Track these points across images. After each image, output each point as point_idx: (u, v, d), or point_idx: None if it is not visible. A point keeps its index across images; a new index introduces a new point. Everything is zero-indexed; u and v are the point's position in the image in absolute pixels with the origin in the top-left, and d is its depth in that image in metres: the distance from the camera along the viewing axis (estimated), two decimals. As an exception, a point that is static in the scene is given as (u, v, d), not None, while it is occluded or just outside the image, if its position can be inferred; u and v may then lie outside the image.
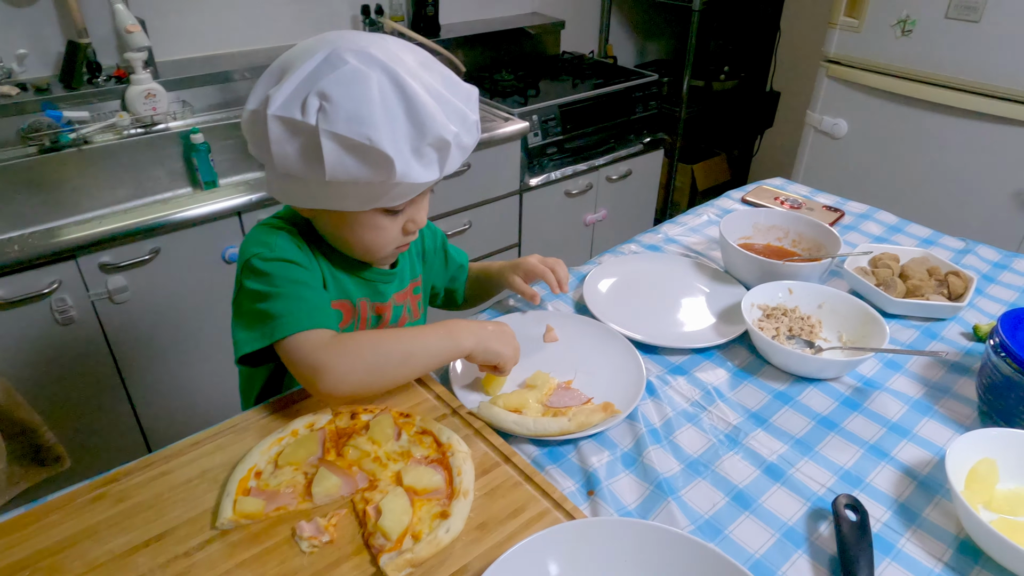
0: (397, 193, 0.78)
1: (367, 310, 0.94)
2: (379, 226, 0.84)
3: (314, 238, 0.89)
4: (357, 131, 0.70)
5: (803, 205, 1.36)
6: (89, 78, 1.80)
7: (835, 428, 0.85)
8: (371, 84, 0.71)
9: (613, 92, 2.37)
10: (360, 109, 0.70)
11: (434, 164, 0.76)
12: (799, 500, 0.75)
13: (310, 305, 0.81)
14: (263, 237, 0.86)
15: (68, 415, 1.55)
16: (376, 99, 0.71)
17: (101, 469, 1.63)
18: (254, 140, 0.77)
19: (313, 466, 0.74)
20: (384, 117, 0.71)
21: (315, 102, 0.70)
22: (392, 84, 0.72)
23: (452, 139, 0.74)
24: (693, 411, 0.87)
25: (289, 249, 0.85)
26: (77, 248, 1.41)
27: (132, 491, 0.72)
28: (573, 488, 0.76)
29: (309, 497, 0.71)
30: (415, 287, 1.03)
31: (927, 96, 1.88)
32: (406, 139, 0.72)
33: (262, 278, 0.82)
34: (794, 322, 0.99)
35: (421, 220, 0.87)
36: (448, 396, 0.86)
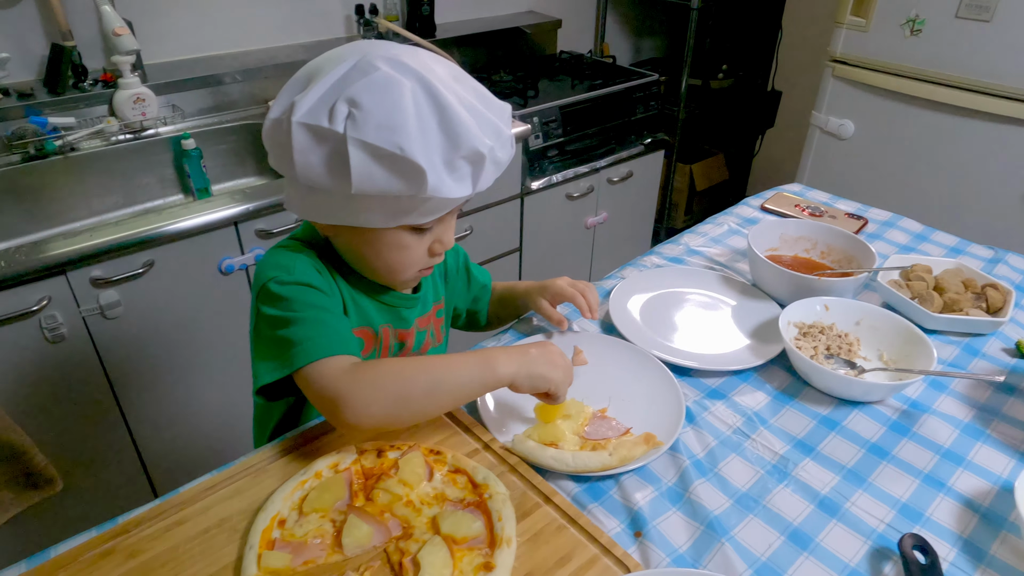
0: (426, 209, 0.73)
1: (389, 337, 0.89)
2: (404, 245, 0.79)
3: (334, 260, 0.84)
4: (388, 140, 0.66)
5: (825, 213, 1.33)
6: (75, 82, 1.72)
7: (886, 456, 0.81)
8: (404, 92, 0.67)
9: (614, 92, 2.33)
10: (392, 117, 0.66)
11: (467, 179, 0.72)
12: (859, 538, 0.71)
13: (331, 331, 0.75)
14: (280, 259, 0.80)
15: (60, 436, 1.48)
16: (409, 107, 0.66)
17: (95, 491, 1.58)
18: (276, 150, 0.73)
19: (341, 512, 0.69)
20: (417, 126, 0.67)
21: (344, 109, 0.66)
22: (425, 93, 0.68)
23: (487, 152, 0.70)
24: (736, 439, 0.83)
25: (308, 272, 0.79)
26: (67, 262, 1.34)
27: (144, 544, 0.66)
28: (618, 529, 0.72)
29: (339, 548, 0.66)
30: (438, 310, 0.97)
31: (936, 97, 1.85)
32: (439, 151, 0.68)
33: (279, 303, 0.76)
34: (832, 340, 0.95)
35: (448, 241, 0.82)
36: (479, 429, 0.81)
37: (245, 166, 2.00)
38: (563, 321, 0.99)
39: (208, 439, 1.73)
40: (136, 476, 1.64)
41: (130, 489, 1.65)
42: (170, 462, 1.69)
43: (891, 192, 2.00)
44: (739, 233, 1.30)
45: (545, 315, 1.00)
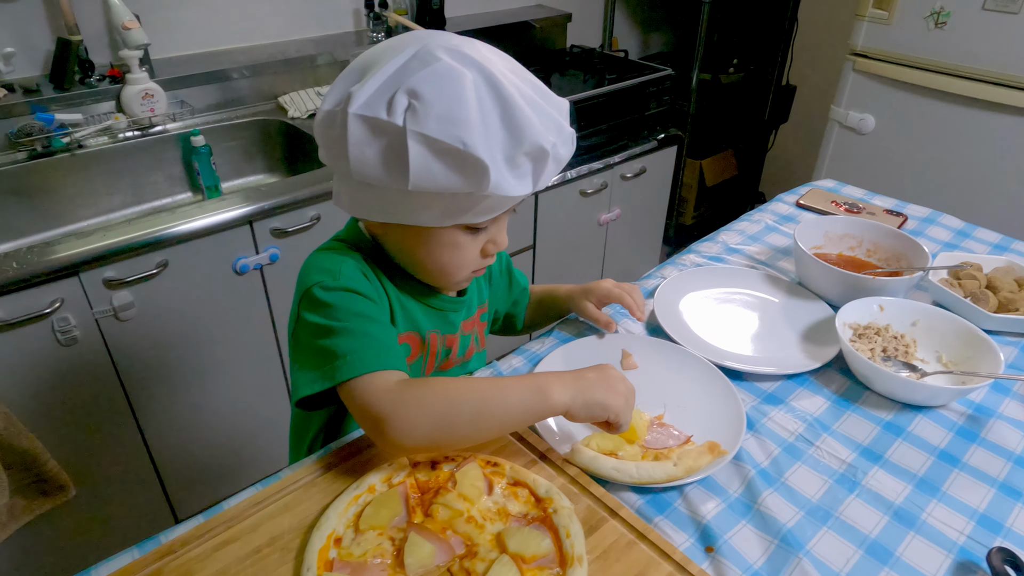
0: (483, 208, 0.70)
1: (437, 343, 0.85)
2: (458, 245, 0.75)
3: (381, 262, 0.80)
4: (450, 133, 0.62)
5: (863, 209, 1.30)
6: (81, 78, 1.67)
7: (957, 464, 0.78)
8: (466, 83, 0.63)
9: (627, 87, 2.29)
10: (454, 110, 0.62)
11: (528, 176, 0.68)
12: (940, 551, 0.68)
13: (376, 343, 0.71)
14: (325, 263, 0.76)
15: (72, 441, 1.44)
16: (471, 100, 0.63)
17: (108, 498, 1.54)
18: (329, 144, 0.69)
19: (400, 529, 0.65)
20: (480, 120, 0.63)
21: (403, 100, 0.63)
22: (488, 85, 0.64)
23: (550, 149, 0.67)
24: (800, 447, 0.80)
25: (355, 277, 0.75)
26: (80, 263, 1.30)
27: (194, 566, 0.62)
28: (688, 543, 0.69)
29: (401, 568, 0.62)
30: (482, 314, 0.93)
31: (961, 90, 1.82)
32: (501, 146, 0.65)
33: (323, 310, 0.72)
34: (888, 342, 0.92)
35: (502, 242, 0.78)
36: (534, 438, 0.77)
37: (254, 163, 1.96)
38: (611, 323, 0.96)
39: (224, 444, 1.69)
40: (150, 482, 1.60)
41: (143, 495, 1.61)
42: (184, 468, 1.64)
43: (913, 188, 1.97)
44: (776, 230, 1.27)
45: (591, 318, 0.97)
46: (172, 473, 1.63)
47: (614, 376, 0.74)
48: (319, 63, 2.03)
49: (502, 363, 0.93)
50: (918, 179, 1.99)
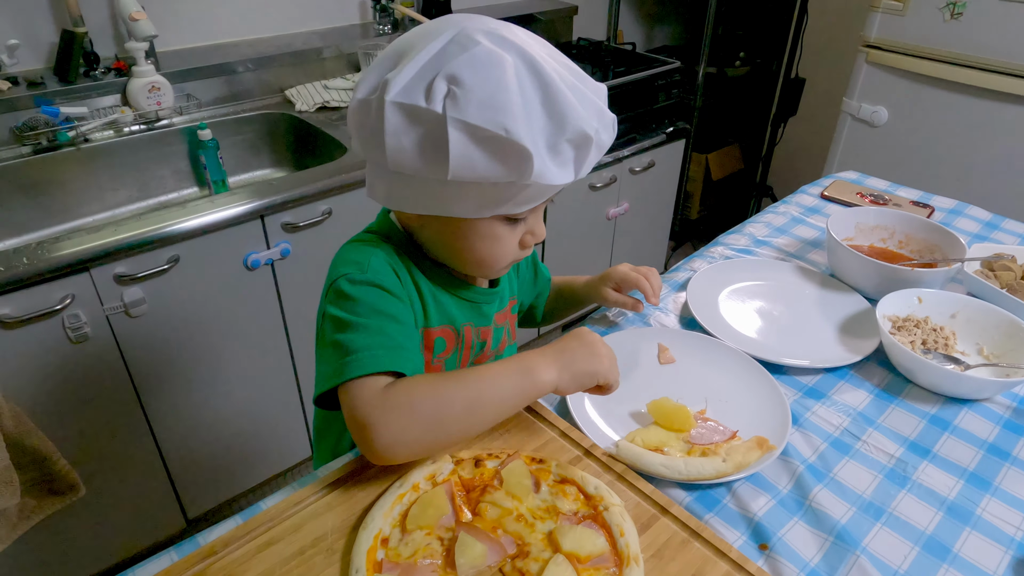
0: (524, 198, 0.67)
1: (471, 336, 0.83)
2: (497, 236, 0.72)
3: (414, 255, 0.78)
4: (492, 120, 0.60)
5: (889, 201, 1.28)
6: (86, 71, 1.64)
7: (1008, 458, 0.76)
8: (507, 68, 0.61)
9: (636, 80, 2.27)
10: (496, 95, 0.60)
11: (570, 164, 0.66)
12: (998, 547, 0.66)
13: (392, 343, 0.67)
14: (354, 255, 0.74)
15: (82, 440, 1.41)
16: (513, 85, 0.60)
17: (118, 496, 1.51)
18: (364, 134, 0.66)
19: (448, 529, 0.63)
20: (521, 106, 0.61)
21: (443, 86, 0.60)
22: (529, 69, 0.62)
23: (593, 135, 0.64)
24: (847, 441, 0.78)
25: (382, 271, 0.72)
26: (91, 259, 1.27)
27: (237, 568, 0.60)
28: (741, 540, 0.67)
29: (451, 569, 0.60)
30: (513, 305, 0.91)
31: (977, 82, 1.81)
32: (543, 133, 0.62)
33: (346, 304, 0.69)
34: (927, 334, 0.91)
35: (540, 232, 0.76)
36: (576, 433, 0.75)
37: (261, 157, 1.93)
38: (638, 304, 0.95)
39: (234, 441, 1.66)
40: (160, 481, 1.58)
41: (154, 494, 1.58)
42: (194, 465, 1.62)
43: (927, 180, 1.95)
44: (803, 222, 1.26)
45: (614, 303, 0.96)
46: (182, 470, 1.60)
47: (593, 340, 0.74)
48: (326, 56, 2.00)
49: (536, 358, 0.91)
50: (932, 171, 1.98)
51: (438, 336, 0.80)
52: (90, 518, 1.48)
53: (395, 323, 0.69)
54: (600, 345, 0.74)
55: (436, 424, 0.64)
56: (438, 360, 0.81)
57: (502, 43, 0.62)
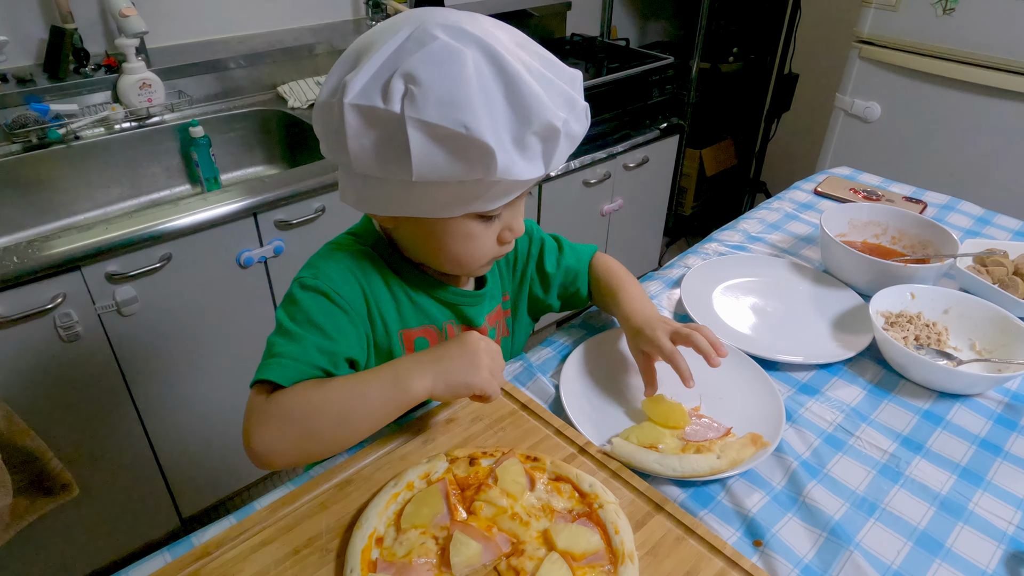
0: (494, 194, 0.66)
1: (455, 333, 0.82)
2: (471, 235, 0.71)
3: (392, 257, 0.77)
4: (451, 117, 0.58)
5: (882, 196, 1.28)
6: (76, 67, 1.63)
7: (1000, 453, 0.77)
8: (466, 63, 0.59)
9: (630, 76, 2.27)
10: (455, 92, 0.58)
11: (538, 157, 0.64)
12: (991, 542, 0.67)
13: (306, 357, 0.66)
14: (319, 259, 0.76)
15: (75, 440, 1.41)
16: (472, 80, 0.59)
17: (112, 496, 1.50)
18: (328, 137, 0.65)
19: (443, 528, 0.63)
20: (482, 101, 0.59)
21: (400, 86, 0.59)
22: (489, 62, 0.60)
23: (561, 126, 0.62)
24: (840, 437, 0.79)
25: (337, 279, 0.72)
26: (83, 257, 1.26)
27: (231, 569, 0.60)
28: (735, 537, 0.67)
29: (447, 568, 0.60)
30: (505, 301, 0.91)
31: (969, 77, 1.82)
32: (507, 127, 0.61)
33: (291, 307, 0.71)
34: (920, 330, 0.91)
35: (519, 228, 0.74)
36: (570, 431, 0.75)
37: (253, 155, 1.92)
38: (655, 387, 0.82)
39: (229, 440, 1.66)
40: (153, 479, 1.57)
41: (148, 494, 1.58)
42: (188, 464, 1.61)
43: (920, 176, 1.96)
44: (796, 218, 1.26)
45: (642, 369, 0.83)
46: (175, 469, 1.59)
47: (475, 348, 0.70)
48: (318, 52, 1.99)
49: (530, 355, 0.91)
50: (925, 167, 1.99)
51: (418, 336, 0.79)
52: (84, 518, 1.47)
53: (322, 336, 0.68)
54: (482, 354, 0.70)
55: (308, 434, 0.64)
56: None
57: (461, 36, 0.60)
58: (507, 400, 0.80)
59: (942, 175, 1.95)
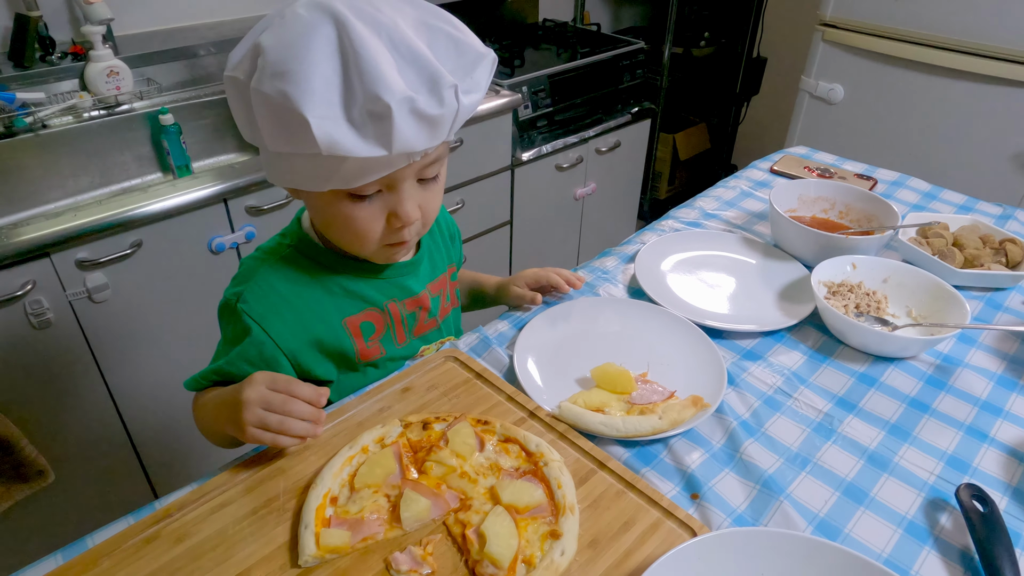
0: (346, 172, 0.64)
1: (399, 310, 0.85)
2: (349, 215, 0.71)
3: (318, 253, 0.80)
4: (276, 87, 0.59)
5: (835, 174, 1.32)
6: (42, 55, 1.62)
7: (927, 410, 0.81)
8: (312, 35, 0.59)
9: (601, 61, 2.29)
10: (287, 63, 0.59)
11: (374, 136, 0.61)
12: (912, 491, 0.71)
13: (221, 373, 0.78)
14: (247, 273, 0.79)
15: (49, 425, 1.42)
16: (310, 52, 0.59)
17: (88, 482, 1.52)
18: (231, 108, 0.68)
19: (394, 487, 0.66)
20: (312, 73, 0.59)
21: (251, 57, 0.62)
22: (338, 37, 0.60)
23: (394, 103, 0.59)
24: (779, 399, 0.83)
25: (258, 299, 0.76)
26: (52, 244, 1.27)
27: (191, 528, 0.63)
28: (675, 491, 0.71)
29: (397, 523, 0.63)
30: (452, 272, 0.94)
31: (928, 59, 1.86)
32: (337, 101, 0.60)
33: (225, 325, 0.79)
34: (860, 298, 0.95)
35: (405, 214, 0.71)
36: (522, 397, 0.79)
37: (224, 142, 1.92)
38: (536, 297, 0.96)
39: (206, 424, 1.67)
40: (130, 464, 1.59)
41: (124, 477, 1.59)
42: (164, 449, 1.63)
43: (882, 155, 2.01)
44: (751, 196, 1.30)
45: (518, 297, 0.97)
46: (151, 453, 1.61)
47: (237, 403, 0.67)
48: (288, 38, 1.99)
49: (487, 328, 0.94)
50: (887, 146, 2.04)
51: (363, 321, 0.82)
52: (60, 503, 1.49)
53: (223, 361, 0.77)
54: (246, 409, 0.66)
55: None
56: (372, 342, 0.83)
57: (323, 11, 0.60)
58: (461, 369, 0.83)
59: (903, 153, 2.00)
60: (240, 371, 0.74)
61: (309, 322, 0.78)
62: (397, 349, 0.87)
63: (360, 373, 0.84)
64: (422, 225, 0.76)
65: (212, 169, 1.83)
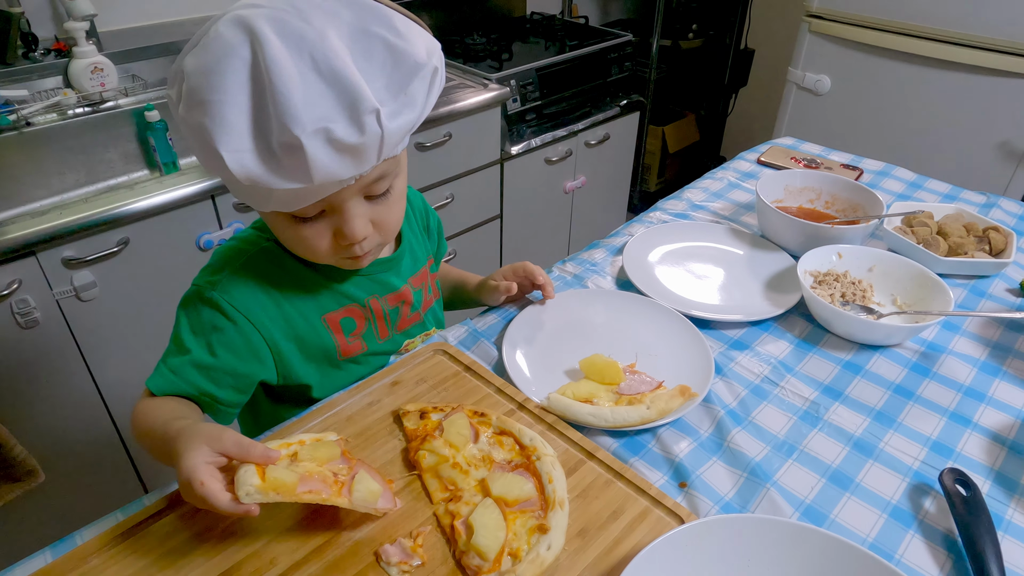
0: (282, 197, 0.62)
1: (381, 306, 0.84)
2: (297, 235, 0.69)
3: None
4: (195, 119, 0.58)
5: (821, 164, 1.33)
6: (24, 52, 1.61)
7: (912, 397, 0.82)
8: (228, 61, 0.56)
9: (589, 54, 2.29)
10: (204, 92, 0.57)
11: (291, 168, 0.58)
12: (897, 476, 0.72)
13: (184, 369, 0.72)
14: (221, 263, 0.76)
15: (38, 425, 1.42)
16: (225, 79, 0.56)
17: (79, 481, 1.51)
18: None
19: (339, 469, 0.63)
20: (227, 101, 0.56)
21: (179, 80, 0.60)
22: (253, 61, 0.57)
23: (304, 136, 0.56)
24: (765, 388, 0.83)
25: (234, 290, 0.73)
26: (37, 242, 1.26)
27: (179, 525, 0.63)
28: (663, 480, 0.71)
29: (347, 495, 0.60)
30: (431, 264, 0.94)
31: (913, 49, 1.87)
32: (250, 132, 0.57)
33: (189, 315, 0.74)
34: (846, 287, 0.96)
35: (350, 233, 0.68)
36: (511, 389, 0.79)
37: (213, 138, 1.91)
38: (511, 287, 0.93)
39: (197, 421, 1.67)
40: (121, 464, 1.58)
41: (115, 477, 1.59)
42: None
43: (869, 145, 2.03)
44: (739, 187, 1.30)
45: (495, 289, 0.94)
46: (142, 452, 1.61)
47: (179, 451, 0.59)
48: (275, 34, 1.98)
49: (476, 321, 0.94)
50: (873, 136, 2.05)
51: (343, 318, 0.81)
52: (51, 503, 1.48)
53: (206, 352, 0.72)
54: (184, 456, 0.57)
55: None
56: (353, 338, 0.82)
57: (240, 27, 0.57)
58: (450, 362, 0.83)
59: (889, 143, 2.02)
60: (228, 367, 0.73)
61: (290, 317, 0.77)
62: (379, 344, 0.86)
63: (342, 371, 0.84)
64: (381, 238, 0.73)
65: (199, 166, 1.81)
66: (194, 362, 0.72)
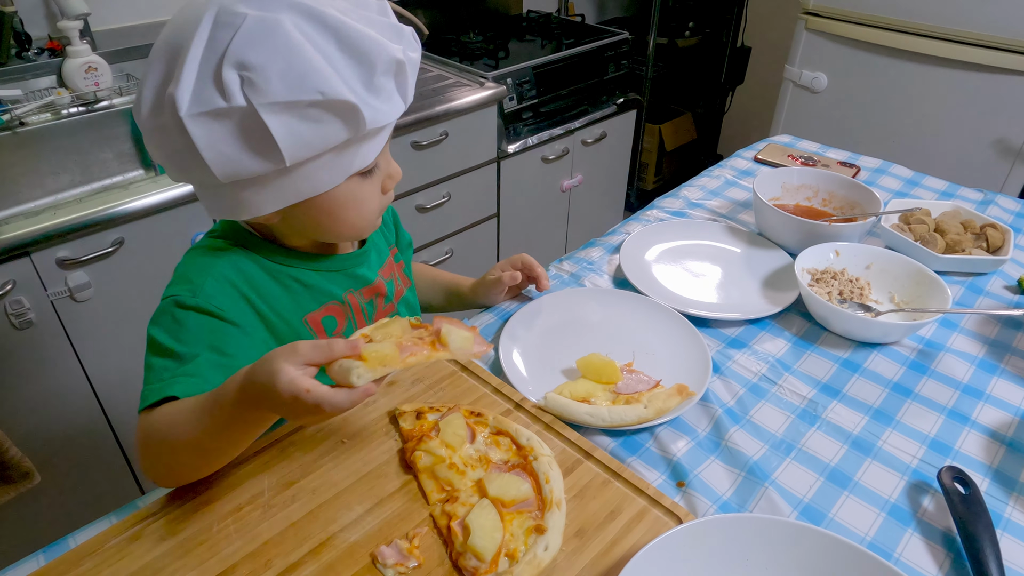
0: (367, 147, 0.66)
1: (357, 301, 0.83)
2: (358, 196, 0.70)
3: (268, 250, 0.75)
4: (302, 88, 0.57)
5: (818, 162, 1.33)
6: (18, 51, 1.60)
7: (910, 394, 0.82)
8: (288, 29, 0.57)
9: (586, 52, 2.29)
10: (292, 62, 0.56)
11: (394, 94, 0.64)
12: (895, 474, 0.72)
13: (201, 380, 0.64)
14: (192, 272, 0.70)
15: (33, 427, 1.41)
16: (303, 44, 0.57)
17: (75, 483, 1.51)
18: (175, 158, 0.61)
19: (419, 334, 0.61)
20: (323, 61, 0.58)
21: (234, 77, 0.56)
22: (309, 20, 0.58)
23: (403, 57, 0.62)
24: (763, 386, 0.83)
25: (217, 293, 0.69)
26: (31, 243, 1.25)
27: (174, 527, 0.62)
28: (661, 480, 0.71)
29: (443, 348, 0.60)
30: (395, 254, 0.92)
31: (910, 46, 1.87)
32: (356, 77, 0.60)
33: (172, 327, 0.66)
34: (843, 285, 0.96)
35: (396, 171, 0.75)
36: (508, 389, 0.79)
37: (208, 137, 1.90)
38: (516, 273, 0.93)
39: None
40: (117, 466, 1.58)
41: (112, 479, 1.58)
42: (153, 448, 1.62)
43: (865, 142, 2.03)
44: (736, 185, 1.30)
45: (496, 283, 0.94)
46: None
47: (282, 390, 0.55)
48: (270, 32, 1.97)
49: (473, 320, 0.94)
50: (870, 133, 2.05)
51: (324, 316, 0.79)
52: (47, 505, 1.48)
53: (217, 354, 0.66)
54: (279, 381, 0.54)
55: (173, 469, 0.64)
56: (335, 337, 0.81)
57: (268, 4, 0.57)
58: (447, 362, 0.83)
59: (886, 140, 2.02)
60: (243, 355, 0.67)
61: (271, 323, 0.74)
62: None
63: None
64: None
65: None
66: (212, 363, 0.66)
